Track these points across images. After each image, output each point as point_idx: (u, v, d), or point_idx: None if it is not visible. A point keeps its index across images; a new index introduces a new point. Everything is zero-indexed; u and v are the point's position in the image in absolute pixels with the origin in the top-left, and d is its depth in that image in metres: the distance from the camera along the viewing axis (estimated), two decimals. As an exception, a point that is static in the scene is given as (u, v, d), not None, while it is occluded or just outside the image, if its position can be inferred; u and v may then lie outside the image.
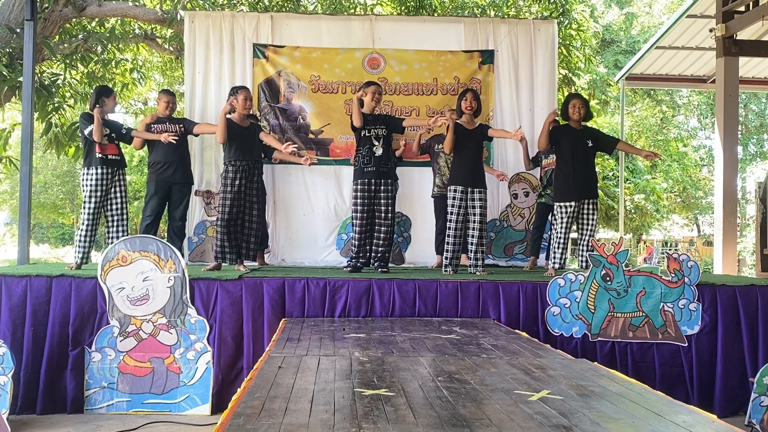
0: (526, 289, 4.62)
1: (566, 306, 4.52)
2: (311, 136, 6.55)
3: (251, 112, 6.23)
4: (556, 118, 5.44)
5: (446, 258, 5.30)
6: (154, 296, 4.38)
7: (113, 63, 8.86)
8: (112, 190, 5.24)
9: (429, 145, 6.27)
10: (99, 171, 5.15)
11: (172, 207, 5.58)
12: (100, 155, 5.16)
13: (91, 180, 5.15)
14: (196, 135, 5.71)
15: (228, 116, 5.14)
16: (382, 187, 5.28)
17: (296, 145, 5.20)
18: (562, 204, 5.14)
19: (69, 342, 4.40)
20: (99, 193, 5.15)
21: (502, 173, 6.18)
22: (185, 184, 5.62)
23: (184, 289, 4.40)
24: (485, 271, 5.20)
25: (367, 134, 5.29)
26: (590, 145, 5.16)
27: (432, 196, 6.26)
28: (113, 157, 5.23)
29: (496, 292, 4.62)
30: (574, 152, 5.12)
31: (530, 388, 2.45)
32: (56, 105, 7.58)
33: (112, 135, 5.25)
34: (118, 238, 5.12)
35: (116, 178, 5.24)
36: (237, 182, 5.06)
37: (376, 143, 5.26)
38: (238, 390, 2.48)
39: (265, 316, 4.51)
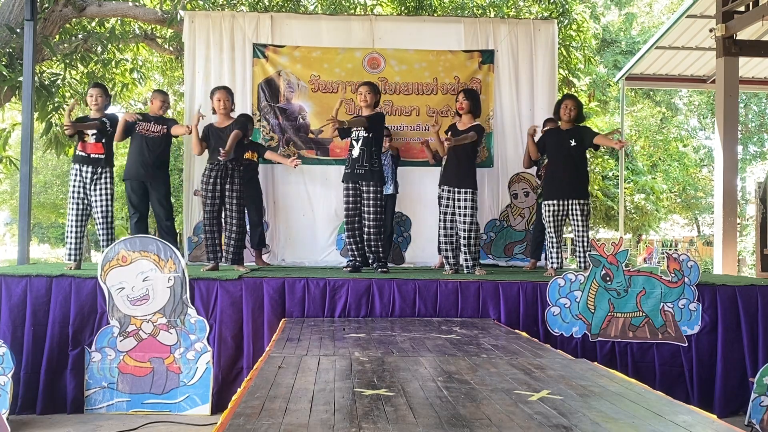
0: (526, 289, 4.62)
1: (566, 306, 4.52)
2: (311, 135, 6.54)
3: (248, 112, 6.25)
4: (549, 125, 5.50)
5: (444, 257, 5.35)
6: (154, 296, 4.38)
7: (113, 63, 8.85)
8: (96, 189, 5.17)
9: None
10: (78, 168, 5.15)
11: (153, 207, 5.59)
12: (80, 153, 5.17)
13: (72, 177, 5.17)
14: (175, 136, 5.70)
15: (210, 120, 5.16)
16: (364, 188, 5.27)
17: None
18: (545, 202, 5.21)
19: (69, 342, 4.40)
20: (78, 190, 5.14)
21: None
22: (159, 183, 5.55)
23: (184, 289, 4.40)
24: (485, 271, 5.20)
25: (350, 137, 5.36)
26: (573, 144, 5.15)
27: (438, 197, 6.24)
28: (96, 156, 5.18)
29: (496, 292, 4.62)
30: (558, 152, 5.19)
31: (530, 388, 2.45)
32: (56, 105, 7.58)
33: (100, 134, 5.21)
34: (104, 238, 5.15)
35: (98, 177, 5.17)
36: (212, 182, 5.05)
37: (354, 145, 5.28)
38: (238, 390, 2.48)
39: (265, 316, 4.51)
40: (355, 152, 5.26)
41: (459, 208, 5.24)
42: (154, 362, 4.38)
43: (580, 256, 5.14)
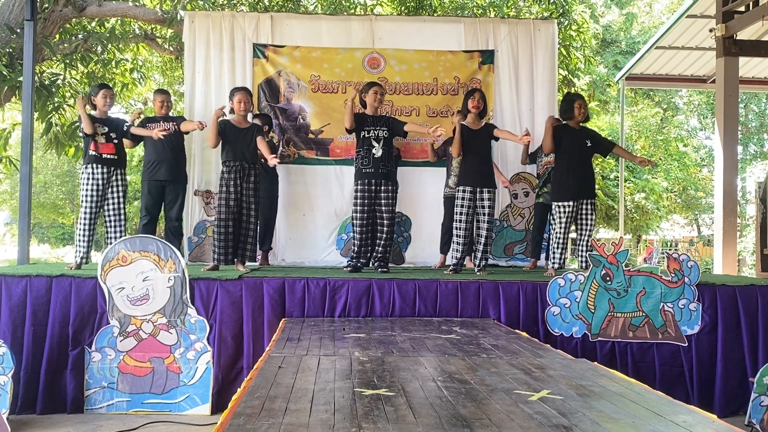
0: (526, 289, 4.62)
1: (566, 306, 4.52)
2: (311, 136, 6.55)
3: (262, 113, 6.26)
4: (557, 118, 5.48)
5: (454, 258, 5.31)
6: (154, 296, 4.38)
7: (113, 63, 8.86)
8: (110, 189, 5.20)
9: (444, 149, 6.27)
10: (93, 169, 5.14)
11: (167, 207, 5.60)
12: (94, 153, 5.15)
13: (87, 178, 5.15)
14: (186, 132, 5.70)
15: (227, 117, 5.17)
16: (382, 188, 5.29)
17: (278, 160, 5.22)
18: (560, 204, 5.15)
19: (69, 342, 4.40)
20: (94, 192, 5.13)
21: (507, 182, 6.19)
22: (178, 183, 5.61)
23: (184, 289, 4.40)
24: (485, 271, 5.21)
25: (366, 135, 5.30)
26: (589, 145, 5.17)
27: (444, 196, 6.26)
28: (109, 156, 5.18)
29: (496, 292, 4.62)
30: (573, 152, 5.13)
31: (530, 388, 2.45)
32: (56, 105, 7.58)
33: (111, 134, 5.23)
34: (115, 238, 5.13)
35: (113, 177, 5.20)
36: (232, 183, 5.06)
37: (376, 144, 5.27)
38: (238, 390, 2.48)
39: (265, 316, 4.51)
40: (378, 152, 5.25)
41: (483, 207, 5.23)
42: (154, 362, 4.38)
43: (582, 256, 5.13)
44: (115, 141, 5.25)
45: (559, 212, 5.14)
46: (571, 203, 5.11)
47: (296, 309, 4.54)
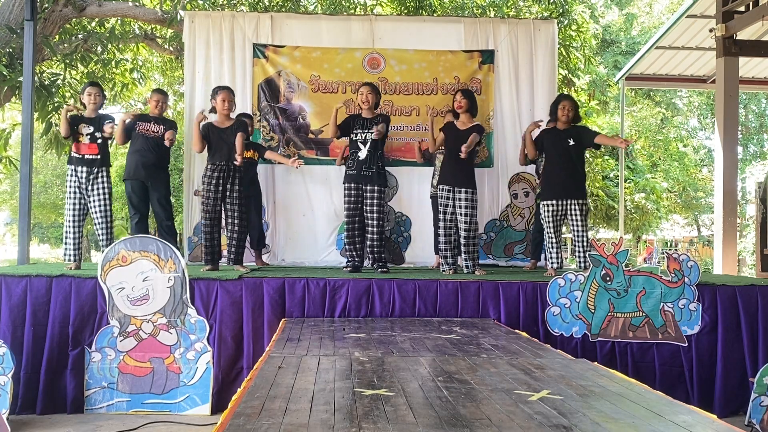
0: (526, 289, 4.62)
1: (566, 306, 4.53)
2: (311, 136, 6.54)
3: (248, 112, 6.25)
4: (540, 124, 5.49)
5: (442, 257, 5.36)
6: (154, 296, 4.38)
7: (113, 63, 8.86)
8: (92, 190, 5.15)
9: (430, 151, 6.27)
10: (73, 169, 5.15)
11: (154, 209, 5.59)
12: (75, 155, 5.16)
13: (67, 178, 5.20)
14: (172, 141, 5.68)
15: (209, 120, 5.14)
16: (368, 187, 5.30)
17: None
18: (544, 202, 5.19)
19: (69, 342, 4.40)
20: (73, 192, 5.15)
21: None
22: (160, 184, 5.55)
23: (184, 289, 4.40)
24: (485, 271, 5.21)
25: (354, 138, 5.35)
26: (571, 143, 5.13)
27: (430, 196, 6.27)
28: (90, 157, 5.15)
29: (496, 292, 4.62)
30: (556, 152, 5.18)
31: (530, 388, 2.45)
32: (56, 105, 7.57)
33: (96, 134, 5.19)
34: (103, 238, 5.17)
35: (94, 178, 5.15)
36: (213, 183, 5.05)
37: (362, 147, 5.28)
38: (238, 390, 2.48)
39: (265, 316, 4.51)
40: (362, 154, 5.27)
41: (458, 207, 5.24)
42: (154, 362, 4.38)
43: (579, 256, 5.13)
44: (99, 141, 5.21)
45: (545, 211, 5.17)
46: (554, 202, 5.11)
47: (296, 309, 4.54)
